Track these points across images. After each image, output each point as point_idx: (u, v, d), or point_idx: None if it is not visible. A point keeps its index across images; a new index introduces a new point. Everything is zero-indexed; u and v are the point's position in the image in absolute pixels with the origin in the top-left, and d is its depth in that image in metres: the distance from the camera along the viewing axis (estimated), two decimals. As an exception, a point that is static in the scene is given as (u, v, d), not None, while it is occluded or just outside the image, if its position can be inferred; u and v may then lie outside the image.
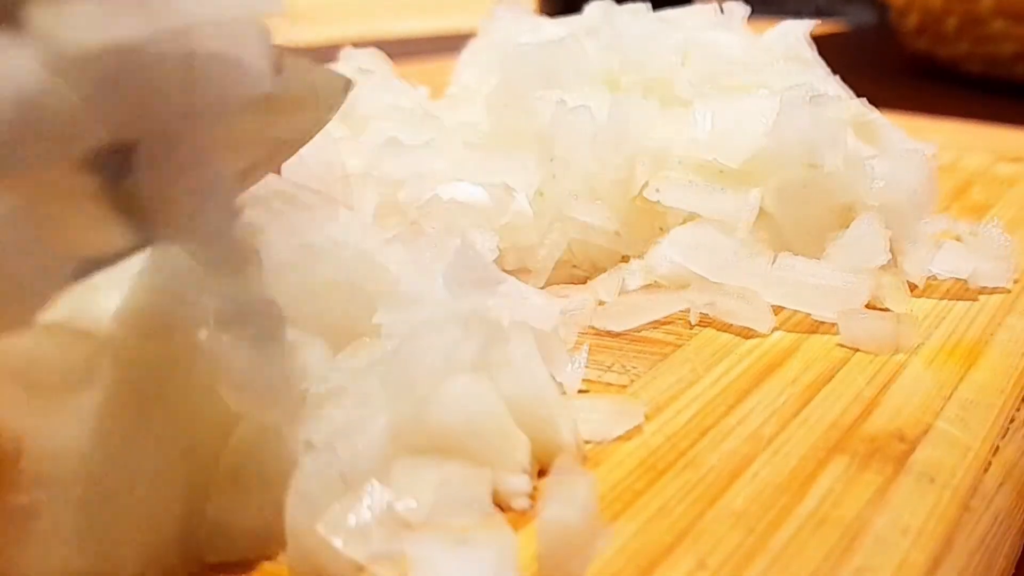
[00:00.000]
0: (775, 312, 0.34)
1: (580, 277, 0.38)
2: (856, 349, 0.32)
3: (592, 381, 0.30)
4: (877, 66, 0.93)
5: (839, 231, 0.36)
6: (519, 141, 0.39)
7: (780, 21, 0.43)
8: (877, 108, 0.41)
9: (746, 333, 0.33)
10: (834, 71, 0.43)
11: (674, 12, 0.44)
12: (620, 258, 0.38)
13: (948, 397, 0.29)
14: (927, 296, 0.36)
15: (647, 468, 0.25)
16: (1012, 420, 0.28)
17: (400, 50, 0.65)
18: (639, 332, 0.33)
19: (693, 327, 0.34)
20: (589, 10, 0.45)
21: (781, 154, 0.36)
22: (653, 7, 0.44)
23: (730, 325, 0.34)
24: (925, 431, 0.27)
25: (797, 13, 0.50)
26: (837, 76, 0.43)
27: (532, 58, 0.40)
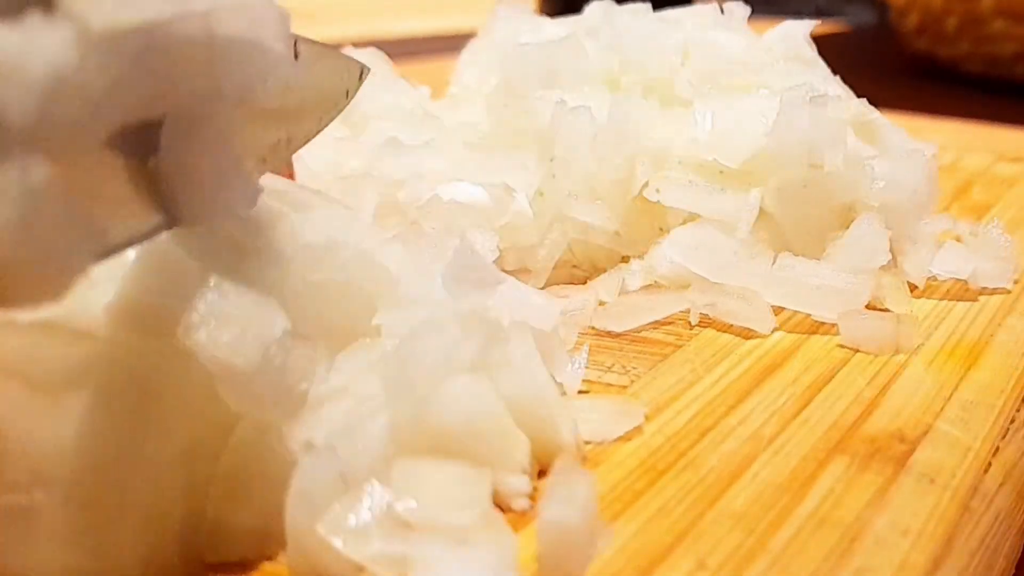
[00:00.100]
0: (775, 313, 0.34)
1: (580, 277, 0.38)
2: (856, 350, 0.32)
3: (592, 381, 0.30)
4: (877, 66, 0.93)
5: (840, 231, 0.35)
6: (519, 141, 0.39)
7: (781, 21, 0.43)
8: (878, 108, 0.41)
9: (746, 334, 0.33)
10: (834, 71, 0.43)
11: (674, 12, 0.44)
12: (620, 258, 0.38)
13: (948, 398, 0.29)
14: (927, 297, 0.36)
15: (647, 468, 0.25)
16: (1012, 421, 0.28)
17: (400, 50, 0.65)
18: (639, 332, 0.33)
19: (693, 327, 0.34)
20: (589, 10, 0.45)
21: (781, 154, 0.36)
22: (653, 7, 0.44)
23: (730, 326, 0.34)
24: (925, 432, 0.27)
25: (798, 13, 0.50)
26: (838, 76, 0.43)
27: (532, 58, 0.40)
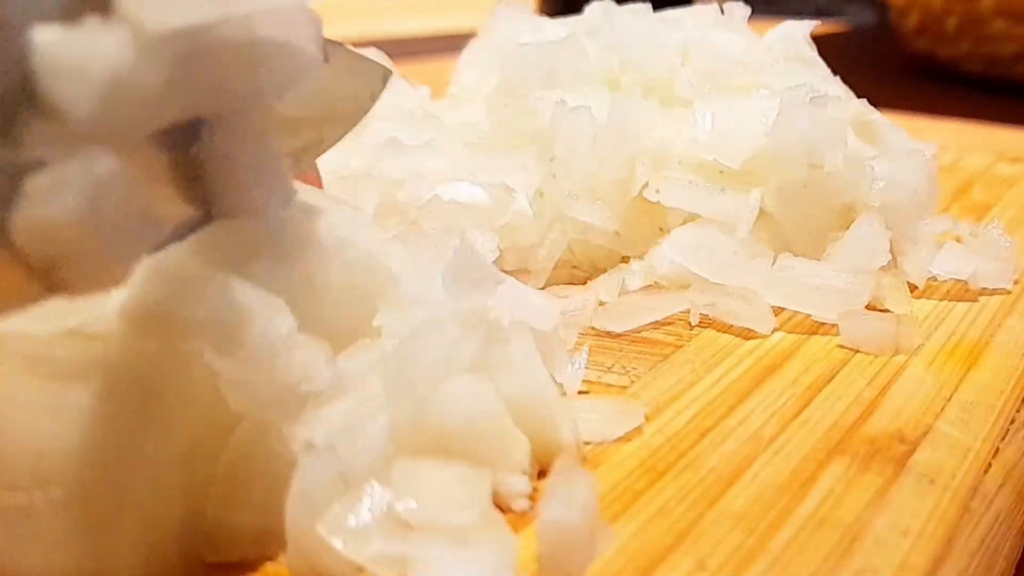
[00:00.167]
0: (775, 313, 0.34)
1: (580, 277, 0.38)
2: (856, 350, 0.32)
3: (592, 382, 0.30)
4: (877, 66, 0.93)
5: (840, 232, 0.35)
6: (519, 141, 0.39)
7: (781, 21, 0.43)
8: (878, 108, 0.41)
9: (747, 334, 0.33)
10: (834, 71, 0.43)
11: (674, 12, 0.44)
12: (620, 258, 0.38)
13: (948, 398, 0.29)
14: (927, 297, 0.36)
15: (647, 469, 0.25)
16: (1012, 421, 0.28)
17: (400, 50, 0.65)
18: (639, 333, 0.33)
19: (693, 328, 0.34)
20: (589, 10, 0.45)
21: (781, 154, 0.36)
22: (653, 7, 0.44)
23: (731, 326, 0.34)
24: (925, 432, 0.27)
25: (798, 13, 0.50)
26: (838, 76, 0.43)
27: (532, 58, 0.40)
